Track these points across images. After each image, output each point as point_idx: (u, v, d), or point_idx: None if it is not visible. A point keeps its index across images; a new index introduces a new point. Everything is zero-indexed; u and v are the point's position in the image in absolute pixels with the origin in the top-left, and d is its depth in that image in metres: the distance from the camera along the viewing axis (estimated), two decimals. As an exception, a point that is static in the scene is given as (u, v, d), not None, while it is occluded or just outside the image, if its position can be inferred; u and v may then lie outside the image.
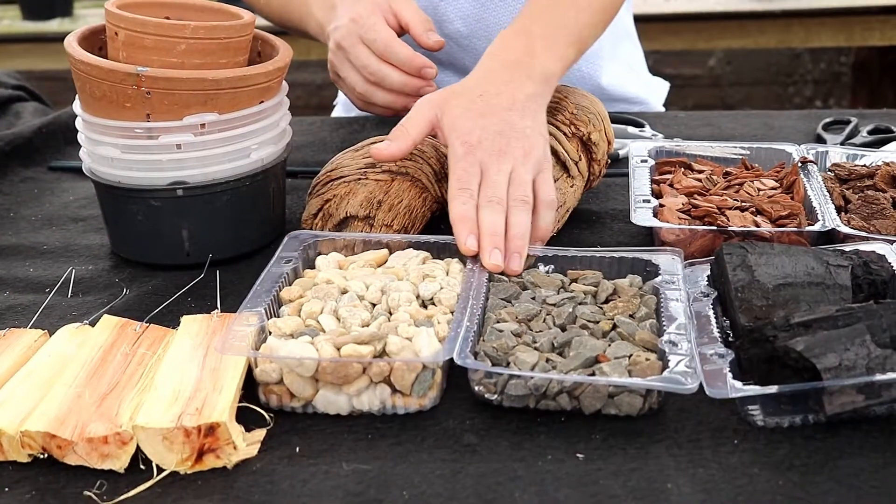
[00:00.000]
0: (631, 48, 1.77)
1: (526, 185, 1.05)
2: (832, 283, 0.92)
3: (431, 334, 0.87)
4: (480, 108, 1.10)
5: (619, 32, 1.70)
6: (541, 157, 1.08)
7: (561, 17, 1.23)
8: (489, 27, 1.57)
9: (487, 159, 1.06)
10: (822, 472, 0.78)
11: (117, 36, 1.08)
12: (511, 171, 1.06)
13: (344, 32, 1.33)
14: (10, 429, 0.81)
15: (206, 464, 0.80)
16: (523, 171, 1.06)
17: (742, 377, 0.84)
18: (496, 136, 1.07)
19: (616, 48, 1.70)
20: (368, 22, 1.31)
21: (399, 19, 1.33)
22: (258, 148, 1.13)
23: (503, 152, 1.06)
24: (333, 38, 1.35)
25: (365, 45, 1.31)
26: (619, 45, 1.71)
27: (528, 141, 1.08)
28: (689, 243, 1.08)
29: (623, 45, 1.74)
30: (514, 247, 1.00)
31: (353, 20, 1.32)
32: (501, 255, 0.99)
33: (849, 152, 1.28)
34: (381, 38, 1.29)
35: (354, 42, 1.31)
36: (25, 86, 1.75)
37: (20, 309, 1.06)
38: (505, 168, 1.06)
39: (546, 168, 1.08)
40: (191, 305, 1.05)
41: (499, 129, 1.08)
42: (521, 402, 0.85)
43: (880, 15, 3.17)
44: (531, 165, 1.07)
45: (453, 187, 1.05)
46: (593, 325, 0.91)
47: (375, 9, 1.33)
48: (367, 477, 0.79)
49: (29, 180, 1.44)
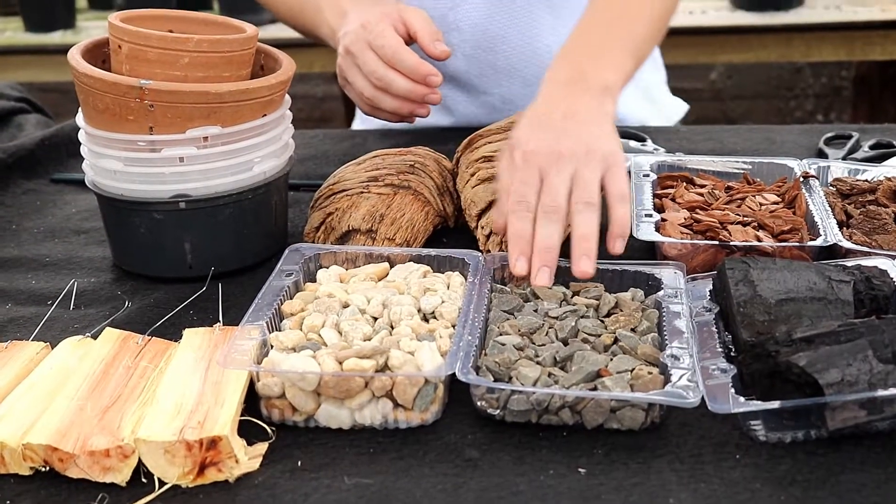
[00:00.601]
0: (649, 69, 1.74)
1: (590, 184, 1.01)
2: (834, 299, 0.92)
3: (433, 349, 0.87)
4: (539, 124, 1.08)
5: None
6: (606, 152, 1.04)
7: (614, 32, 1.24)
8: (494, 39, 1.57)
9: (546, 165, 1.03)
10: (824, 488, 0.78)
11: (121, 49, 1.08)
12: (573, 174, 1.02)
13: (353, 38, 1.34)
14: (12, 441, 0.81)
15: (208, 477, 0.80)
16: (587, 171, 1.02)
17: (744, 392, 0.84)
18: (554, 142, 1.04)
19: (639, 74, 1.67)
20: (377, 28, 1.32)
21: (408, 28, 1.34)
22: (261, 161, 1.13)
23: (562, 155, 1.03)
24: (343, 44, 1.36)
25: (373, 50, 1.31)
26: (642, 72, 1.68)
27: (591, 140, 1.04)
28: (692, 258, 1.08)
29: (646, 71, 1.71)
30: (581, 249, 0.98)
31: (363, 26, 1.33)
32: (550, 272, 0.97)
33: (850, 167, 1.28)
34: (388, 45, 1.30)
35: (363, 48, 1.32)
36: (28, 98, 1.75)
37: (22, 321, 1.06)
38: (566, 170, 1.02)
39: (615, 163, 1.04)
40: (193, 318, 1.05)
41: (556, 137, 1.05)
42: (524, 417, 0.85)
43: (881, 30, 3.17)
44: (596, 163, 1.03)
45: (512, 202, 1.02)
46: (595, 339, 0.91)
47: (385, 16, 1.34)
48: (368, 491, 0.79)
49: (31, 192, 1.44)
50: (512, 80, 1.60)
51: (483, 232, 1.13)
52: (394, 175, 1.18)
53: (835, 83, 4.25)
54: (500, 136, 1.19)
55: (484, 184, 1.16)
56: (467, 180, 1.17)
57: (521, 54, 1.58)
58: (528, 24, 1.57)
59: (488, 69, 1.59)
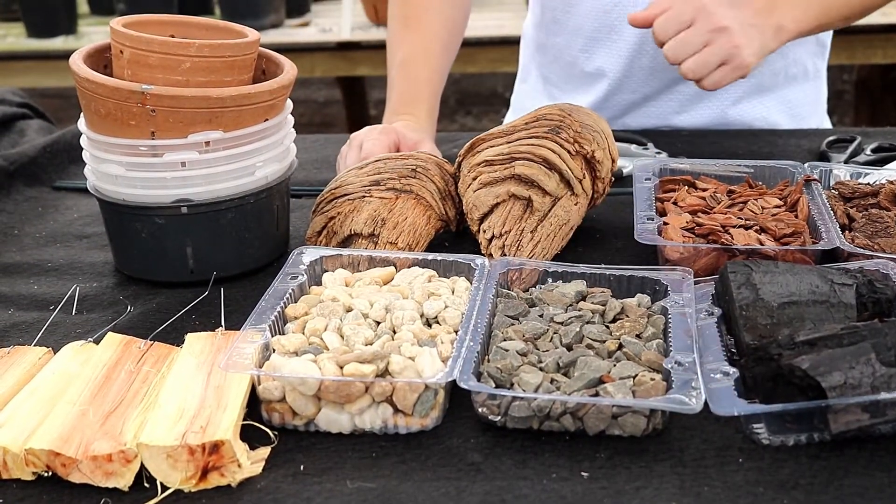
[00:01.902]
0: (806, 90, 1.72)
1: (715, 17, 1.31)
2: (837, 302, 0.92)
3: (434, 354, 0.87)
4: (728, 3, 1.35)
5: (791, 69, 1.67)
6: (739, 65, 1.32)
7: None
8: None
9: (699, 23, 1.32)
10: (827, 492, 0.78)
11: (122, 54, 1.08)
12: (707, 43, 1.31)
13: (358, 132, 1.39)
14: (15, 446, 0.81)
15: (211, 482, 0.80)
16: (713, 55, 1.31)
17: (747, 395, 0.84)
18: (719, 19, 1.32)
19: (782, 84, 1.67)
20: (375, 137, 1.35)
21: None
22: (263, 165, 1.13)
23: (717, 30, 1.32)
24: (352, 134, 1.41)
25: (360, 149, 1.35)
26: (788, 83, 1.68)
27: (737, 49, 1.32)
28: (694, 261, 1.08)
29: (794, 84, 1.70)
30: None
31: (372, 128, 1.39)
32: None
33: (853, 170, 1.28)
34: (369, 150, 1.32)
35: (356, 145, 1.36)
36: (30, 103, 1.75)
37: (24, 326, 1.06)
38: (709, 39, 1.31)
39: (736, 72, 1.32)
40: (195, 323, 1.05)
41: (723, 18, 1.32)
42: (525, 423, 0.85)
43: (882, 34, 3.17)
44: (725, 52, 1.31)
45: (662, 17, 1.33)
46: (599, 345, 0.90)
47: (393, 132, 1.37)
48: (371, 495, 0.79)
49: (33, 199, 1.44)
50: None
51: (485, 236, 1.13)
52: (396, 179, 1.18)
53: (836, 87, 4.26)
54: (501, 140, 1.19)
55: (486, 188, 1.16)
56: (469, 184, 1.17)
57: None
58: None
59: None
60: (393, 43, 1.58)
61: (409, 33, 1.56)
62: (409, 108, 1.49)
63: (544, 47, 1.72)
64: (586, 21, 1.62)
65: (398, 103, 1.50)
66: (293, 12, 3.53)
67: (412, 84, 1.52)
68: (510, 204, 1.15)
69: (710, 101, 1.64)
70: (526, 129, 1.19)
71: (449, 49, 1.59)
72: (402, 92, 1.51)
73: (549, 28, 1.69)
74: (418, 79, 1.52)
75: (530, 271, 1.04)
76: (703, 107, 1.65)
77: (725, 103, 1.64)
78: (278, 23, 3.44)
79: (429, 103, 1.51)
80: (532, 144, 1.16)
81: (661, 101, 1.64)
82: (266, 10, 3.37)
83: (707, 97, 1.63)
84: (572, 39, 1.65)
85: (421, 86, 1.52)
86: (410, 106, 1.49)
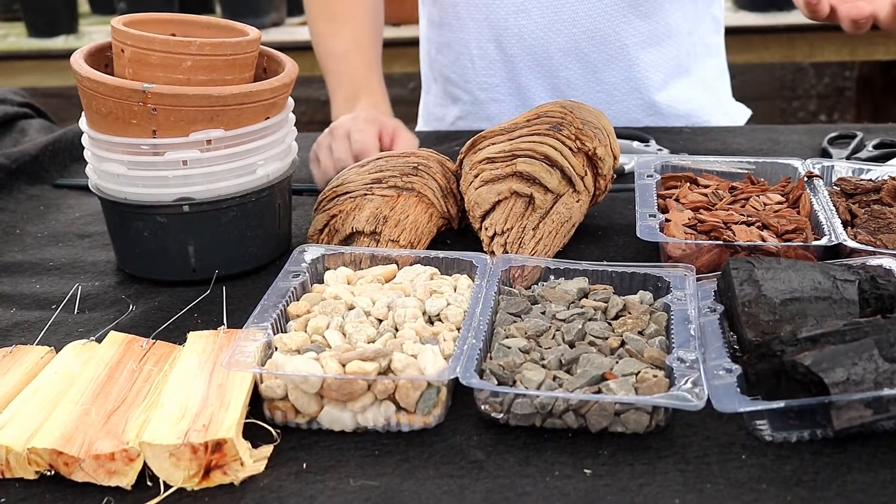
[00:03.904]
0: (713, 66, 1.76)
1: None
2: (839, 298, 0.91)
3: (437, 352, 0.87)
4: None
5: (697, 47, 1.70)
6: None
7: None
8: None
9: None
10: (830, 488, 0.78)
11: (123, 53, 1.08)
12: None
13: (340, 124, 1.39)
14: (17, 446, 0.81)
15: (213, 480, 0.80)
16: None
17: (749, 392, 0.83)
18: None
19: (694, 64, 1.70)
20: (362, 125, 1.36)
21: (393, 143, 1.38)
22: (264, 164, 1.13)
23: None
24: (332, 125, 1.41)
25: (348, 141, 1.34)
26: (698, 61, 1.71)
27: None
28: (696, 258, 1.08)
29: (703, 61, 1.73)
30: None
31: (354, 119, 1.39)
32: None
33: (854, 167, 1.28)
34: (362, 141, 1.33)
35: (342, 135, 1.36)
36: (31, 102, 1.75)
37: (26, 326, 1.06)
38: None
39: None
40: (197, 322, 1.05)
41: None
42: (527, 420, 0.85)
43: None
44: None
45: None
46: (601, 342, 0.90)
47: (376, 121, 1.38)
48: (374, 493, 0.79)
49: (35, 198, 1.44)
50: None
51: (487, 233, 1.13)
52: (397, 177, 1.18)
53: (838, 83, 4.25)
54: (503, 138, 1.19)
55: (487, 185, 1.16)
56: (471, 182, 1.17)
57: None
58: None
59: None
60: (324, 38, 1.60)
61: (340, 27, 1.58)
62: (365, 91, 1.50)
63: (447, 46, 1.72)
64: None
65: (352, 90, 1.51)
66: (294, 10, 3.52)
67: (359, 70, 1.54)
68: (512, 201, 1.14)
69: (636, 90, 1.65)
70: (528, 126, 1.19)
71: (379, 41, 1.62)
72: (352, 79, 1.52)
73: (451, 25, 1.69)
74: (364, 65, 1.54)
75: (532, 269, 1.03)
76: (631, 97, 1.66)
77: (651, 89, 1.66)
78: (279, 21, 3.44)
79: (381, 87, 1.54)
80: (534, 141, 1.16)
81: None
82: (267, 8, 3.36)
83: (633, 86, 1.64)
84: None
85: (368, 72, 1.54)
86: (366, 90, 1.51)
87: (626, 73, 1.63)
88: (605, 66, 1.62)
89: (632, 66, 1.62)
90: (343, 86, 1.53)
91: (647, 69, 1.63)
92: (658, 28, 1.61)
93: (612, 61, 1.62)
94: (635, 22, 1.60)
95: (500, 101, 1.66)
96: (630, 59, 1.62)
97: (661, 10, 1.61)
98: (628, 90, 1.65)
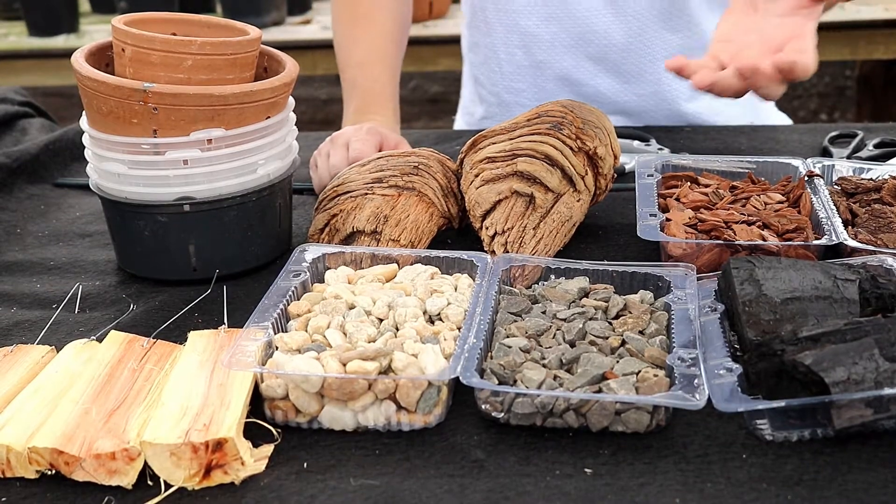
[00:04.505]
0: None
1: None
2: (840, 297, 0.91)
3: (437, 351, 0.87)
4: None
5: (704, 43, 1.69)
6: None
7: None
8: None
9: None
10: (830, 487, 0.78)
11: (124, 52, 1.08)
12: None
13: (341, 132, 1.39)
14: (18, 445, 0.81)
15: (214, 480, 0.80)
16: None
17: (750, 391, 0.84)
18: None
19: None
20: (363, 136, 1.36)
21: None
22: (265, 163, 1.13)
23: None
24: (334, 133, 1.41)
25: (346, 149, 1.35)
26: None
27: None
28: (696, 257, 1.08)
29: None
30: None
31: (356, 129, 1.38)
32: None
33: (855, 166, 1.28)
34: (359, 150, 1.33)
35: (341, 144, 1.36)
36: (32, 102, 1.75)
37: (27, 325, 1.06)
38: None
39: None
40: (198, 321, 1.05)
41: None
42: (528, 420, 0.85)
43: (885, 29, 3.17)
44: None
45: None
46: (602, 342, 0.90)
47: (378, 134, 1.37)
48: (375, 492, 0.79)
49: (35, 197, 1.44)
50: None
51: (487, 233, 1.13)
52: (398, 176, 1.18)
53: (838, 82, 4.25)
54: (504, 137, 1.19)
55: (488, 185, 1.16)
56: (471, 181, 1.17)
57: None
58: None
59: None
60: (345, 42, 1.58)
61: (361, 32, 1.57)
62: (376, 107, 1.50)
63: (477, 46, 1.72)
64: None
65: (364, 103, 1.50)
66: (294, 10, 3.52)
67: (375, 84, 1.53)
68: (512, 201, 1.14)
69: (665, 101, 1.65)
70: (528, 126, 1.19)
71: (401, 47, 1.61)
72: (367, 92, 1.52)
73: (480, 28, 1.69)
74: (380, 79, 1.53)
75: (533, 268, 1.04)
76: (659, 109, 1.66)
77: (680, 100, 1.65)
78: (280, 20, 3.44)
79: (393, 102, 1.53)
80: (534, 141, 1.16)
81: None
82: (267, 7, 3.37)
83: (662, 97, 1.64)
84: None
85: (383, 86, 1.53)
86: (377, 105, 1.50)
87: (655, 86, 1.63)
88: (634, 78, 1.62)
89: (661, 80, 1.62)
90: (356, 97, 1.52)
91: (676, 81, 1.61)
92: (689, 41, 1.60)
93: (641, 74, 1.62)
94: (666, 36, 1.60)
95: (525, 106, 1.65)
96: (660, 72, 1.61)
97: (693, 24, 1.60)
98: (657, 101, 1.65)
